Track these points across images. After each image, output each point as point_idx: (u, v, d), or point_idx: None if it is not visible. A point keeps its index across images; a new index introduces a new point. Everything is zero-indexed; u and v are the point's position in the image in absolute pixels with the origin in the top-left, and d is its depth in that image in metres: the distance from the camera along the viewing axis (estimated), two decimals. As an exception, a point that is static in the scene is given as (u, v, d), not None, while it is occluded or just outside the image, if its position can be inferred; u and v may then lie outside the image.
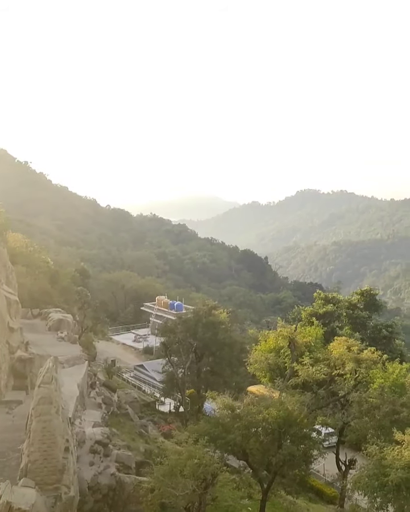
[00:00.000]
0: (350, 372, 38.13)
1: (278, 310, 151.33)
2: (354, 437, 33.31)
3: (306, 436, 29.77)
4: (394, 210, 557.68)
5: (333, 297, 73.37)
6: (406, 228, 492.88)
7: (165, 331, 53.55)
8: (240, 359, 52.28)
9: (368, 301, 70.77)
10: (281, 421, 28.01)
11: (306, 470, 30.12)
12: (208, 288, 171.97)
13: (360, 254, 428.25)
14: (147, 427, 37.82)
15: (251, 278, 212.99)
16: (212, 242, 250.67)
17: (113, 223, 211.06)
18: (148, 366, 65.49)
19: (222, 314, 54.54)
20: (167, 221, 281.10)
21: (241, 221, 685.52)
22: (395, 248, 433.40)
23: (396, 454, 23.31)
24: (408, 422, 28.84)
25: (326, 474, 40.43)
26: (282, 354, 51.03)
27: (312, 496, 38.73)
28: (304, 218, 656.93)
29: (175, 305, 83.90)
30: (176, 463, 22.89)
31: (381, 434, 29.25)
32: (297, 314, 73.45)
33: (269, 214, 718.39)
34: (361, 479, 23.88)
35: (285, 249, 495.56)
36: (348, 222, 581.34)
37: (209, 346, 51.57)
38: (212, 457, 24.69)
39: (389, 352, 55.07)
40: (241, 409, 29.54)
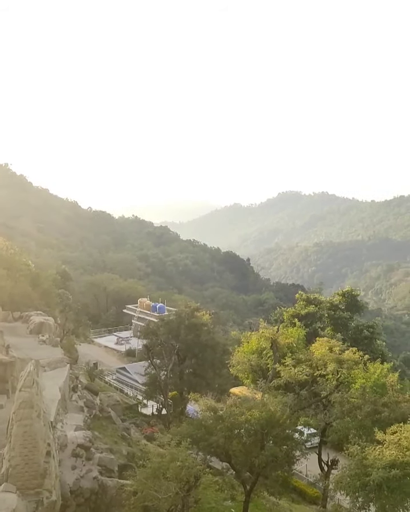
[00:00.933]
0: (332, 372, 38.33)
1: (260, 311, 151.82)
2: (336, 437, 33.49)
3: (288, 436, 29.89)
4: (374, 211, 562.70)
5: (315, 298, 73.75)
6: (386, 229, 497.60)
7: (147, 334, 53.39)
8: (223, 360, 52.31)
9: (349, 302, 71.20)
10: (264, 423, 28.09)
11: (288, 471, 30.25)
12: (191, 290, 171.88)
13: (342, 255, 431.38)
14: (129, 430, 37.66)
15: (234, 280, 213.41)
16: (194, 244, 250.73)
17: (94, 226, 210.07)
18: (131, 369, 65.25)
19: (205, 316, 54.51)
20: (149, 223, 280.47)
21: (223, 223, 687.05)
22: (376, 249, 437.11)
23: (377, 454, 23.50)
24: (389, 422, 29.02)
25: (309, 474, 40.61)
26: (265, 355, 51.19)
27: (295, 497, 38.86)
28: (286, 219, 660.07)
29: (157, 307, 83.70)
30: (159, 466, 22.85)
31: (362, 434, 29.44)
32: (279, 316, 73.70)
33: (250, 215, 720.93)
34: (343, 479, 24.03)
35: (267, 250, 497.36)
36: (330, 224, 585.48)
37: (192, 348, 51.51)
38: (194, 459, 24.71)
39: (370, 353, 55.48)
40: (224, 411, 29.56)
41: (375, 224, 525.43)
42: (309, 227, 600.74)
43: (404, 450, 23.31)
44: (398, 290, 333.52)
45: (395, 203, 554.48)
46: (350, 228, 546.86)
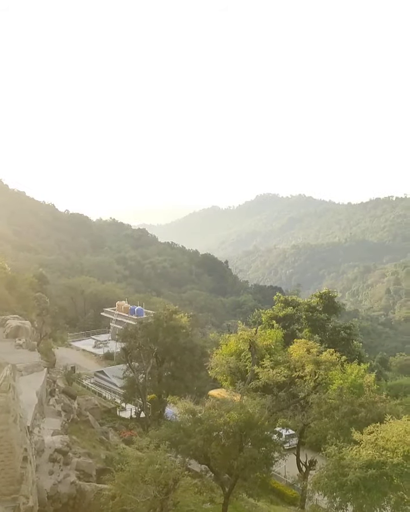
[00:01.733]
0: (310, 374, 38.61)
1: (238, 313, 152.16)
2: (314, 438, 33.76)
3: (266, 438, 29.98)
4: (351, 213, 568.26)
5: (293, 299, 74.15)
6: (363, 231, 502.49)
7: (125, 337, 53.14)
8: (201, 363, 52.30)
9: (326, 303, 71.68)
10: (242, 424, 28.17)
11: (267, 473, 30.33)
12: (169, 292, 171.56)
13: (319, 256, 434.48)
14: (107, 434, 37.46)
15: (212, 282, 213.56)
16: (172, 247, 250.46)
17: (71, 228, 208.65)
18: (109, 372, 64.90)
19: (183, 319, 54.46)
20: (126, 225, 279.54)
21: (201, 225, 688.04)
22: (352, 251, 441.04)
23: (354, 454, 23.71)
24: (366, 422, 29.29)
25: (287, 475, 40.68)
26: (243, 357, 51.37)
27: (273, 498, 39.00)
28: (264, 221, 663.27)
29: (135, 310, 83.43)
30: (137, 470, 22.75)
31: (340, 435, 29.69)
32: (257, 317, 73.95)
33: (229, 218, 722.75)
34: (321, 480, 24.19)
35: (245, 253, 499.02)
36: (307, 226, 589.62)
37: (170, 351, 51.40)
38: (173, 462, 24.65)
39: (347, 354, 55.94)
40: (203, 413, 29.58)
41: (352, 227, 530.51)
42: (287, 229, 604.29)
43: (380, 450, 23.55)
44: (374, 291, 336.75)
45: (371, 206, 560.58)
46: (327, 230, 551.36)
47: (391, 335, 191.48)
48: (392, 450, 23.23)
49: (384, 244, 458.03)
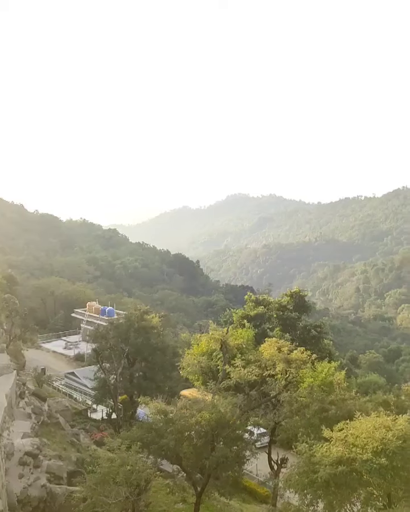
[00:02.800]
0: (281, 372, 38.84)
1: (210, 313, 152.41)
2: (285, 436, 34.01)
3: (238, 437, 30.15)
4: (321, 213, 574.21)
5: (264, 299, 74.52)
6: (333, 230, 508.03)
7: (96, 338, 52.79)
8: (173, 363, 52.30)
9: (297, 302, 72.19)
10: (214, 424, 28.26)
11: (239, 471, 30.48)
12: (140, 292, 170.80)
13: (289, 256, 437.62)
14: (79, 436, 37.21)
15: (183, 282, 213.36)
16: (143, 247, 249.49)
17: (41, 229, 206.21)
18: (80, 373, 64.40)
19: (155, 319, 54.36)
20: (97, 225, 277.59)
21: (172, 225, 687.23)
22: (322, 250, 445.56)
23: (324, 451, 23.94)
24: (336, 419, 29.57)
25: (259, 474, 40.98)
26: (215, 357, 51.45)
27: (245, 497, 39.18)
28: (235, 221, 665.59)
29: (106, 310, 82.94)
30: (109, 471, 22.67)
31: (311, 432, 29.97)
32: (229, 317, 74.15)
33: (199, 218, 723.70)
34: (292, 477, 24.38)
35: (216, 252, 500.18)
36: (277, 225, 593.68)
37: (142, 351, 51.27)
38: (145, 462, 24.62)
39: (318, 352, 56.31)
40: (174, 413, 29.58)
41: (322, 226, 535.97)
42: (257, 229, 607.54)
43: (350, 446, 23.80)
44: (344, 290, 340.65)
45: (340, 205, 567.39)
46: (297, 229, 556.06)
47: (361, 333, 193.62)
48: (361, 447, 23.51)
49: (353, 244, 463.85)
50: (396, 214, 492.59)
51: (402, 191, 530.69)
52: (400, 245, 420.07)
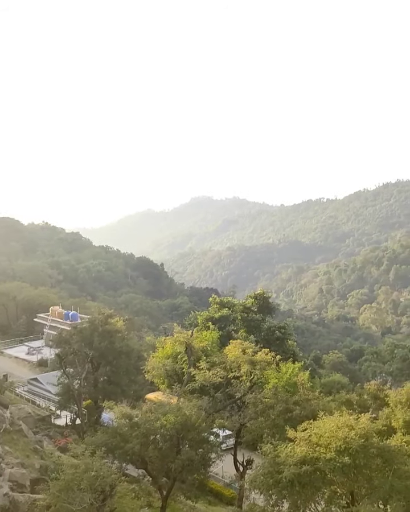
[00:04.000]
0: (245, 374, 39.01)
1: (175, 316, 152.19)
2: (250, 437, 34.18)
3: (204, 439, 30.18)
4: (284, 215, 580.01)
5: (228, 301, 74.88)
6: (296, 232, 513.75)
7: (60, 342, 52.11)
8: (138, 367, 51.99)
9: (261, 304, 72.76)
10: (179, 427, 28.23)
11: (204, 474, 30.54)
12: (104, 296, 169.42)
13: (254, 258, 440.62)
14: (42, 442, 36.61)
15: (148, 285, 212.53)
16: (107, 250, 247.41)
17: (1, 232, 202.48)
18: (43, 379, 63.45)
19: (119, 323, 53.97)
20: (60, 229, 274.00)
21: (136, 229, 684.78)
22: (286, 252, 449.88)
23: (288, 451, 24.15)
24: (300, 419, 29.88)
25: (225, 476, 41.05)
26: (180, 360, 51.37)
27: (211, 499, 39.20)
28: (199, 224, 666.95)
29: (69, 315, 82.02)
30: (73, 478, 22.39)
31: (275, 433, 30.24)
32: (194, 320, 74.21)
33: (164, 221, 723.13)
34: (257, 478, 24.50)
35: (181, 255, 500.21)
36: (241, 228, 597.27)
37: (106, 355, 50.81)
38: (110, 468, 24.39)
39: (282, 353, 56.97)
40: (139, 417, 29.45)
41: (285, 228, 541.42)
42: (222, 231, 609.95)
43: (313, 446, 24.07)
44: (308, 291, 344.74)
45: (303, 207, 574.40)
46: (261, 232, 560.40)
47: (324, 334, 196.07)
48: (325, 446, 23.80)
49: (316, 245, 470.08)
50: (357, 216, 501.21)
51: (363, 193, 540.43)
52: (362, 246, 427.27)
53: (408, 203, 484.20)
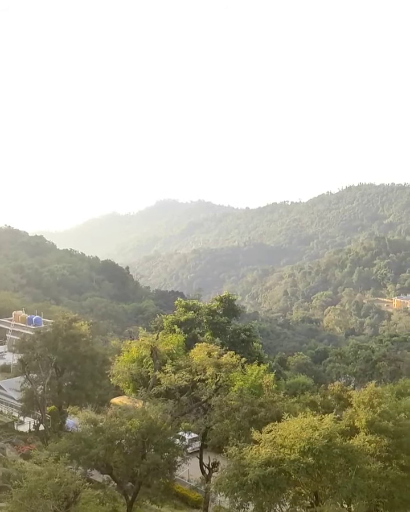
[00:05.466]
0: (211, 377, 39.09)
1: (140, 319, 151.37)
2: (216, 440, 34.21)
3: (169, 443, 30.15)
4: (249, 218, 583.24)
5: (194, 304, 74.79)
6: (261, 235, 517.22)
7: (23, 347, 51.42)
8: (103, 371, 51.48)
9: (227, 306, 72.89)
10: (144, 431, 28.14)
11: (170, 478, 30.49)
12: (69, 300, 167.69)
13: (219, 260, 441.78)
14: (4, 450, 36.14)
15: (113, 288, 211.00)
16: (71, 253, 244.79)
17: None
18: (5, 385, 62.54)
19: (83, 327, 53.46)
20: (23, 232, 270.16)
21: (101, 232, 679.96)
22: (251, 254, 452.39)
23: (253, 453, 24.30)
24: (265, 421, 30.06)
25: (191, 479, 40.99)
26: (145, 363, 51.16)
27: (177, 503, 39.05)
28: (164, 227, 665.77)
29: (33, 319, 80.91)
30: (36, 485, 22.12)
31: (241, 435, 30.34)
32: (159, 323, 73.86)
33: (129, 224, 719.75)
34: (222, 481, 24.57)
35: (146, 258, 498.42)
36: (207, 230, 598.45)
37: (70, 360, 50.29)
38: (74, 474, 24.16)
39: (247, 355, 57.25)
40: (104, 422, 29.24)
41: (250, 231, 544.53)
42: (187, 234, 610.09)
43: (278, 447, 24.27)
44: (273, 293, 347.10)
45: (268, 210, 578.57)
46: (227, 234, 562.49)
47: (289, 336, 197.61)
48: (289, 447, 24.02)
49: (281, 248, 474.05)
50: (321, 219, 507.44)
51: (327, 196, 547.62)
52: (325, 248, 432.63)
53: (370, 206, 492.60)
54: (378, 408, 29.82)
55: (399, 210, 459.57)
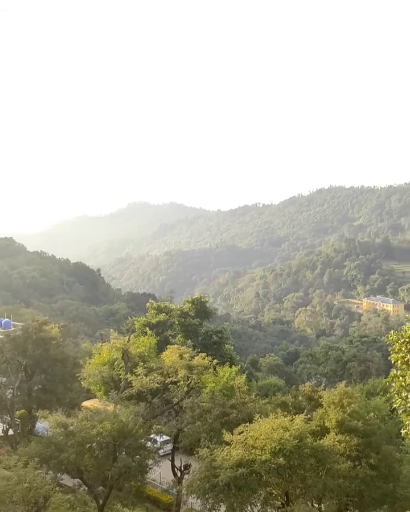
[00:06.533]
0: (183, 379, 39.05)
1: (112, 322, 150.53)
2: (188, 442, 34.16)
3: (141, 446, 30.00)
4: (221, 220, 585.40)
5: (166, 306, 74.61)
6: (232, 237, 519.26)
7: (-9, 351, 50.63)
8: (73, 374, 51.00)
9: (198, 308, 72.91)
10: (116, 434, 27.97)
11: (142, 481, 30.35)
12: (39, 303, 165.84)
13: (191, 262, 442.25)
14: (-27, 455, 35.42)
15: (84, 291, 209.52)
16: (42, 256, 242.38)
17: None
18: (-26, 389, 61.38)
19: (54, 330, 52.89)
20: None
21: (72, 234, 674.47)
22: (223, 256, 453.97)
23: (225, 454, 24.35)
24: (236, 422, 30.15)
25: (163, 481, 40.88)
26: (116, 366, 50.86)
27: (149, 506, 38.75)
28: (136, 229, 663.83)
29: (2, 322, 79.66)
30: (5, 490, 21.85)
31: (213, 437, 30.38)
32: (131, 325, 73.57)
33: (100, 226, 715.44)
34: (193, 483, 24.56)
35: (118, 260, 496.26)
36: (179, 232, 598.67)
37: (40, 363, 49.73)
38: (44, 478, 23.90)
39: (219, 357, 57.34)
40: (75, 425, 28.97)
41: (222, 233, 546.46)
42: (159, 236, 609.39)
43: (249, 448, 24.37)
44: (244, 295, 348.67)
45: (240, 212, 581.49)
46: (198, 236, 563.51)
47: (261, 337, 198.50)
48: (260, 448, 24.13)
49: (253, 249, 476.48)
50: (292, 221, 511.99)
51: (298, 198, 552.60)
52: (296, 250, 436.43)
53: (341, 208, 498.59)
54: (348, 408, 30.21)
55: (368, 212, 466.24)
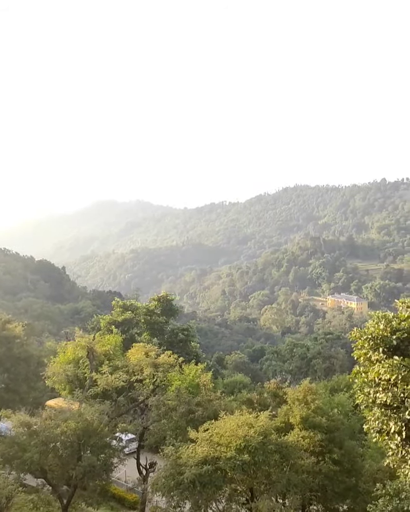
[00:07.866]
0: (148, 377, 38.93)
1: (77, 320, 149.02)
2: (153, 440, 34.16)
3: (106, 445, 29.86)
4: (187, 218, 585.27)
5: (132, 304, 74.32)
6: (199, 235, 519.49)
7: None
8: (37, 373, 50.46)
9: (164, 306, 72.85)
10: (80, 433, 27.78)
11: (106, 479, 30.19)
12: (2, 301, 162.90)
13: (157, 260, 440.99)
14: None
15: (49, 289, 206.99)
16: (5, 253, 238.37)
17: None
18: None
19: (17, 328, 52.22)
20: None
21: (37, 231, 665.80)
22: (189, 254, 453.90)
23: (190, 452, 24.38)
24: (202, 420, 30.23)
25: (128, 480, 40.73)
26: (82, 365, 50.40)
27: (114, 505, 38.71)
28: (102, 226, 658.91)
29: (-36, 321, 78.19)
30: (-34, 491, 21.45)
31: (178, 435, 30.39)
32: (96, 323, 73.03)
33: (66, 223, 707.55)
34: (158, 481, 24.53)
35: (83, 258, 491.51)
36: (145, 230, 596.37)
37: (3, 362, 49.13)
38: (6, 479, 23.58)
39: (185, 355, 57.39)
40: (38, 425, 28.64)
41: (188, 231, 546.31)
42: (125, 234, 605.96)
43: (215, 445, 24.45)
44: (211, 293, 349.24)
45: (206, 210, 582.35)
46: (165, 234, 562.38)
47: (227, 335, 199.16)
48: (225, 445, 24.24)
49: (219, 247, 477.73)
50: (258, 219, 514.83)
51: (264, 197, 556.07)
52: (263, 248, 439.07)
53: (306, 207, 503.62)
54: (312, 404, 30.60)
55: (333, 211, 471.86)
